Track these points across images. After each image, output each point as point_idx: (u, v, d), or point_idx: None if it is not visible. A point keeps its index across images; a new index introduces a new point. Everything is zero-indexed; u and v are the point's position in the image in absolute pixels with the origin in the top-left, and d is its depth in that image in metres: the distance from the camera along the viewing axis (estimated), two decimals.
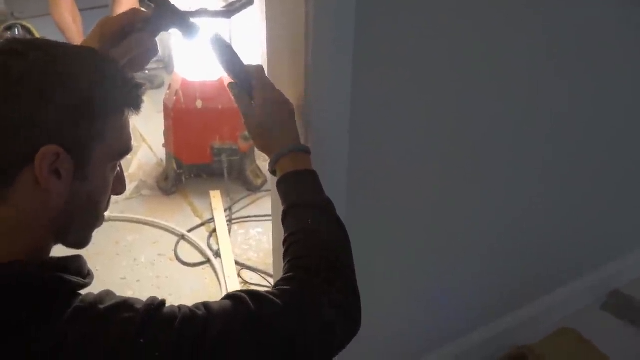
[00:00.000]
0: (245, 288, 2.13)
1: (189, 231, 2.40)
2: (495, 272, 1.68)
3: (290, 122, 0.96)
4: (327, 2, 0.94)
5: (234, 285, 2.12)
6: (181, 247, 2.34)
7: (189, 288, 2.14)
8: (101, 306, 0.70)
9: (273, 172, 0.95)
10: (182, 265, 2.26)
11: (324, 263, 0.83)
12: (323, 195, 0.91)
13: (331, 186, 0.94)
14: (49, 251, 0.77)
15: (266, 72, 1.03)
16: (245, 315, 0.74)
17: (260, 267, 2.23)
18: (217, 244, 2.33)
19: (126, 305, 0.71)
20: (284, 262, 0.85)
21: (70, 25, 3.07)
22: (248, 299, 0.75)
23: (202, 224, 2.46)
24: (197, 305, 0.75)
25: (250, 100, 0.95)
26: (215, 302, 0.76)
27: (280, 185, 0.92)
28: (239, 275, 2.19)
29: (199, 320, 0.72)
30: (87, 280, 0.75)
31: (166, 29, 0.94)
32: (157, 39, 0.95)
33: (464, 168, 1.40)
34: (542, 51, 1.35)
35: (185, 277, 2.20)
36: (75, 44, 2.86)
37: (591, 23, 1.40)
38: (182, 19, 0.94)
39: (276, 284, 0.81)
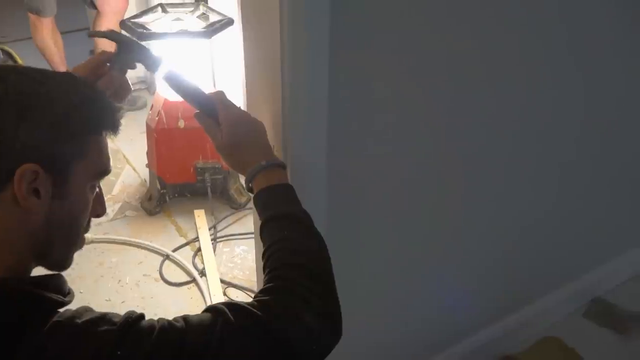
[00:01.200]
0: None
1: (174, 251, 2.40)
2: (480, 283, 1.70)
3: (260, 139, 0.97)
4: (302, 18, 0.96)
5: None
6: (166, 267, 2.33)
7: (174, 308, 2.13)
8: (79, 320, 0.71)
9: (249, 189, 0.96)
10: (167, 285, 2.25)
11: (302, 272, 0.84)
12: (299, 207, 0.92)
13: (311, 200, 0.96)
14: (29, 271, 0.77)
15: (244, 91, 1.04)
16: (224, 327, 0.74)
17: (246, 285, 2.23)
18: (202, 262, 2.33)
19: (104, 319, 0.72)
20: (264, 274, 0.86)
21: (51, 49, 3.08)
22: (227, 311, 0.76)
23: (186, 243, 2.45)
24: (176, 318, 0.76)
25: (216, 125, 0.97)
26: (195, 315, 0.77)
27: (256, 200, 0.94)
28: (224, 294, 2.19)
29: (177, 333, 0.73)
30: (66, 299, 0.75)
31: (132, 65, 1.01)
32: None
33: (445, 183, 1.42)
34: (535, 50, 1.37)
35: (171, 297, 2.20)
36: (57, 66, 2.87)
37: (585, 19, 1.42)
38: (144, 54, 1.01)
39: (256, 296, 0.82)
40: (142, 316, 0.74)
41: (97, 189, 0.83)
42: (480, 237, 1.61)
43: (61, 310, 0.73)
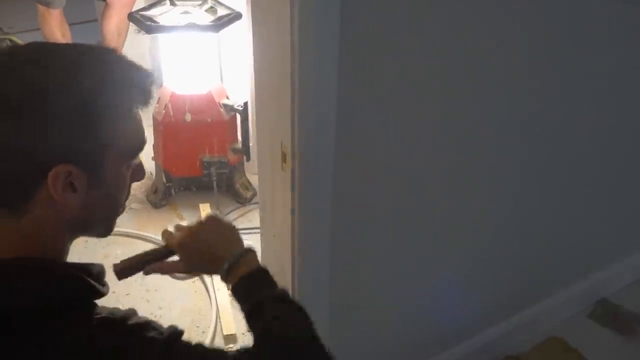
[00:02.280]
0: None
1: None
2: (484, 283, 1.69)
3: (226, 232, 1.00)
4: (312, 15, 0.96)
5: (223, 298, 2.12)
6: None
7: (178, 301, 2.13)
8: (130, 322, 0.73)
9: (226, 278, 0.98)
10: (171, 278, 2.25)
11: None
12: (278, 288, 0.94)
13: (316, 196, 0.96)
14: (67, 245, 0.79)
15: (253, 86, 1.04)
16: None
17: None
18: None
19: (151, 325, 0.75)
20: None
21: (59, 40, 3.08)
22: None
23: None
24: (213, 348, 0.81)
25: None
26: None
27: (238, 288, 0.97)
28: (228, 288, 2.19)
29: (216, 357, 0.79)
30: (105, 289, 0.78)
31: None
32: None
33: (449, 184, 1.42)
34: (542, 53, 1.36)
35: (175, 290, 2.20)
36: None
37: (590, 22, 1.41)
38: None
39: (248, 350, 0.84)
40: (183, 332, 0.78)
41: (133, 166, 0.82)
42: (487, 238, 1.61)
43: (98, 300, 0.76)
